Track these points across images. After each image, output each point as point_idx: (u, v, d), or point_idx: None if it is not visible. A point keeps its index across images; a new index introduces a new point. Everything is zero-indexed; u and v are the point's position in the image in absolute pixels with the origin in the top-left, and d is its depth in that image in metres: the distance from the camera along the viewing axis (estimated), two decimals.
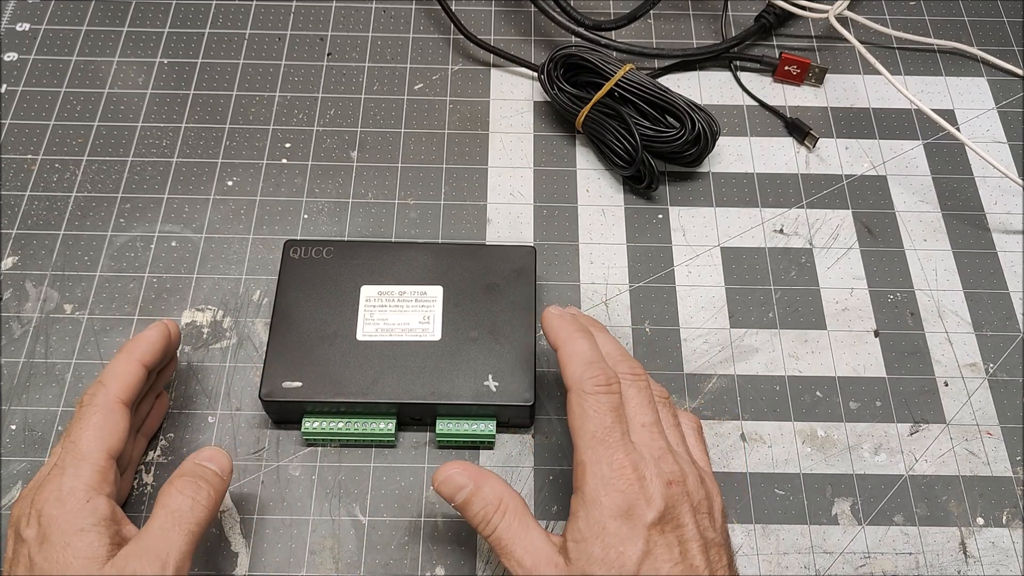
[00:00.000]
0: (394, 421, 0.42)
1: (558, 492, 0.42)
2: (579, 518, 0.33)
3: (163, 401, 0.43)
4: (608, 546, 0.32)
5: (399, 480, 0.42)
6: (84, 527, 0.33)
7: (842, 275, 0.49)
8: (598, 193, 0.51)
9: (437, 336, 0.43)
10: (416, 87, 0.55)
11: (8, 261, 0.48)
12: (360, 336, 0.43)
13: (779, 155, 0.53)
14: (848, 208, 0.51)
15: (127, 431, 0.37)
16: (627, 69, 0.50)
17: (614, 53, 0.55)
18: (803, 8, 0.56)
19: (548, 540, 0.34)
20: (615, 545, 0.32)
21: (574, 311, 0.41)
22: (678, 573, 0.32)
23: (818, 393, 0.45)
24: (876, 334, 0.47)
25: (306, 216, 0.50)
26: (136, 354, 0.39)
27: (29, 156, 0.52)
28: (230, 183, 0.51)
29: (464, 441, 0.43)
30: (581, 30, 0.55)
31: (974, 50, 0.57)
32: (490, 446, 0.43)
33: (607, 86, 0.50)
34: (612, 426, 0.34)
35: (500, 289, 0.44)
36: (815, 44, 0.58)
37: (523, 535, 0.34)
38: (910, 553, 0.41)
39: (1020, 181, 0.51)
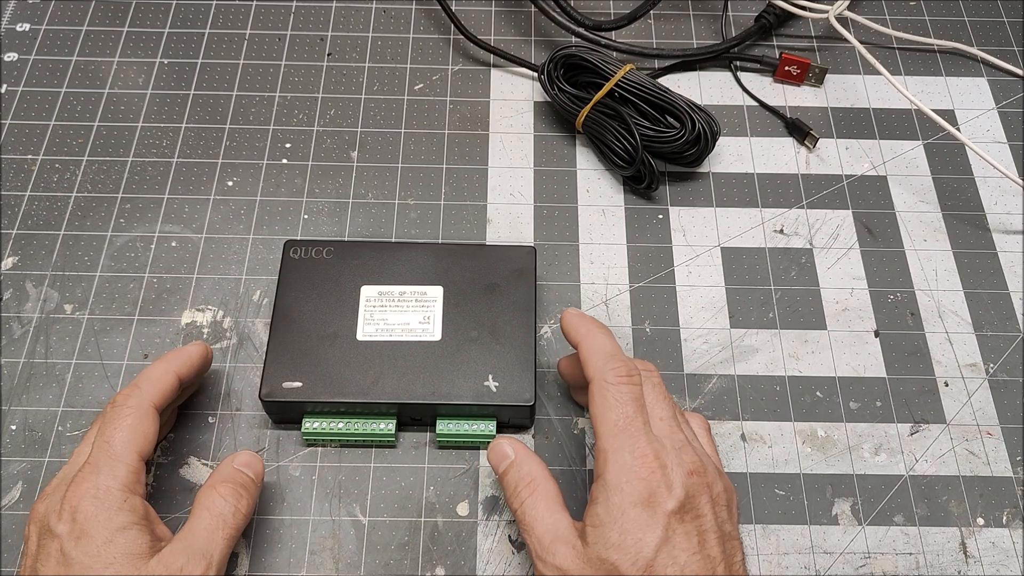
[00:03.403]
0: (394, 421, 0.42)
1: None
2: (598, 504, 0.34)
3: (174, 416, 0.43)
4: (626, 532, 0.33)
5: (399, 480, 0.42)
6: (125, 524, 0.34)
7: (842, 275, 0.49)
8: (598, 193, 0.51)
9: (437, 336, 0.43)
10: (416, 87, 0.55)
11: (8, 261, 0.48)
12: (360, 336, 0.43)
13: (779, 155, 0.53)
14: (848, 208, 0.51)
15: (156, 436, 0.37)
16: (627, 69, 0.50)
17: (614, 53, 0.55)
18: (803, 8, 0.56)
19: (571, 524, 0.35)
20: (633, 531, 0.32)
21: None
22: (695, 562, 0.32)
23: (818, 393, 0.45)
24: (876, 334, 0.47)
25: (306, 216, 0.50)
26: (174, 365, 0.39)
27: (29, 156, 0.52)
28: (230, 183, 0.51)
29: (464, 441, 0.43)
30: (581, 30, 0.55)
31: (974, 50, 0.57)
32: None
33: (607, 86, 0.50)
34: (634, 416, 0.35)
35: (500, 289, 0.44)
36: (815, 44, 0.58)
37: (546, 515, 0.35)
38: (910, 553, 0.41)
39: (1020, 181, 0.51)
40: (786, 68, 0.55)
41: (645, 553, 0.32)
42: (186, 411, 0.44)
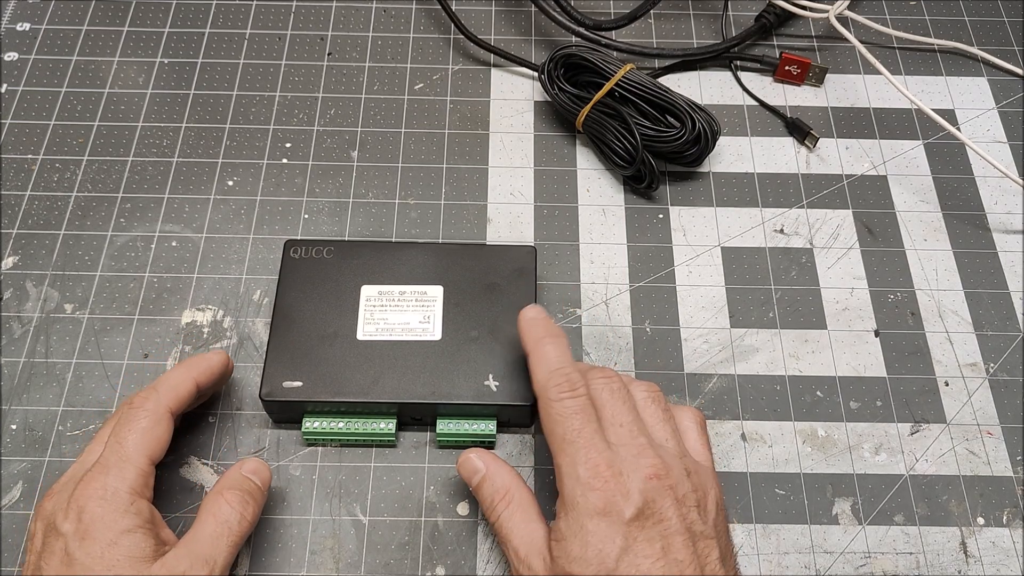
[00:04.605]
0: (394, 421, 0.42)
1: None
2: (560, 519, 0.34)
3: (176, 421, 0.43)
4: (587, 544, 0.32)
5: (399, 480, 0.42)
6: (130, 527, 0.34)
7: (842, 275, 0.49)
8: (598, 193, 0.51)
9: (437, 336, 0.43)
10: (416, 87, 0.55)
11: (8, 261, 0.48)
12: (360, 336, 0.43)
13: (779, 155, 0.53)
14: (848, 208, 0.51)
15: (169, 440, 0.38)
16: (627, 69, 0.50)
17: (614, 53, 0.55)
18: (803, 8, 0.56)
19: (545, 535, 0.35)
20: (593, 543, 0.32)
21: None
22: (659, 569, 0.32)
23: (818, 393, 0.45)
24: (876, 334, 0.47)
25: (306, 216, 0.50)
26: (194, 371, 0.39)
27: (29, 156, 0.52)
28: (230, 183, 0.51)
29: (464, 441, 0.43)
30: (581, 30, 0.55)
31: (974, 50, 0.57)
32: (491, 446, 0.43)
33: (607, 86, 0.50)
34: (580, 428, 0.35)
35: (500, 289, 0.44)
36: (815, 44, 0.58)
37: (523, 527, 0.35)
38: (910, 553, 0.41)
39: (1020, 181, 0.51)
40: (786, 68, 0.55)
41: (607, 564, 0.32)
42: (186, 411, 0.44)
